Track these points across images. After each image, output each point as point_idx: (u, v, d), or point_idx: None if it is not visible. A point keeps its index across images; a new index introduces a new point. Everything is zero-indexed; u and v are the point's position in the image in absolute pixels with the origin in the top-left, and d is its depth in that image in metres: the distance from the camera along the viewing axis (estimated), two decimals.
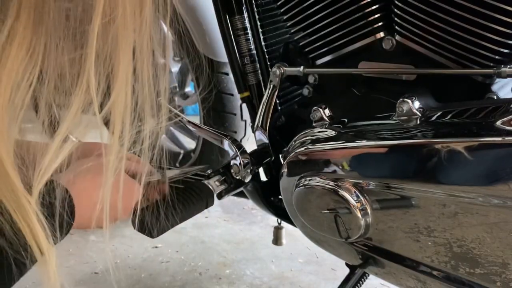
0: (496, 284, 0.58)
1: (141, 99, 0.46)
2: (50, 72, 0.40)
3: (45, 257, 0.43)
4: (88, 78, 0.40)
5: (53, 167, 0.43)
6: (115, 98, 0.42)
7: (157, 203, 0.66)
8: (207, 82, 1.30)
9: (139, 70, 0.44)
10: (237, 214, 1.75)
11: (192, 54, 1.29)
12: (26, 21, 0.37)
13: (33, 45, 0.38)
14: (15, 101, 0.39)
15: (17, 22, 0.37)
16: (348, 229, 0.68)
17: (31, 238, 0.42)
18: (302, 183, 0.71)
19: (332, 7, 0.71)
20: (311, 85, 0.82)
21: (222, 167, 0.80)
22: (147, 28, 0.43)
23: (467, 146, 0.53)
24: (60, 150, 0.43)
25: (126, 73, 0.42)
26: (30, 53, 0.38)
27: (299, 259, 1.47)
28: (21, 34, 0.37)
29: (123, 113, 0.43)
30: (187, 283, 1.36)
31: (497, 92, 0.64)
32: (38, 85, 0.40)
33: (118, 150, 0.45)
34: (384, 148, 0.63)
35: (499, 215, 0.54)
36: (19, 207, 0.41)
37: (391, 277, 0.72)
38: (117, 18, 0.40)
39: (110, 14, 0.39)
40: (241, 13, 0.86)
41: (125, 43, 0.41)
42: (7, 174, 0.39)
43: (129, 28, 0.41)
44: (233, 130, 1.39)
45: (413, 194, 0.61)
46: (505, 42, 0.58)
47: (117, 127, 0.44)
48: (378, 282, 1.28)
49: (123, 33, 0.41)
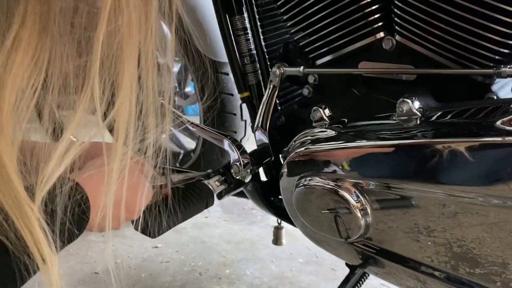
0: (496, 284, 0.58)
1: (146, 107, 0.46)
2: (55, 79, 0.40)
3: (47, 265, 0.42)
4: (93, 86, 0.40)
5: (56, 175, 0.42)
6: (120, 106, 0.42)
7: (157, 204, 0.66)
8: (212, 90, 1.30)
9: (144, 78, 0.44)
10: (237, 214, 1.75)
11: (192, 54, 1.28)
12: (31, 28, 0.37)
13: (38, 52, 0.38)
14: (20, 107, 0.38)
15: (23, 29, 0.37)
16: (348, 229, 0.68)
17: (33, 245, 0.41)
18: (302, 183, 0.71)
19: (332, 7, 0.71)
20: (311, 85, 0.82)
21: (222, 167, 0.80)
22: (153, 37, 0.43)
23: (467, 146, 0.53)
24: (63, 158, 0.42)
25: (131, 81, 0.42)
26: (35, 60, 0.38)
27: (299, 259, 1.47)
28: (26, 40, 0.37)
29: (128, 121, 0.43)
30: (187, 283, 1.36)
31: (497, 92, 0.64)
32: (42, 92, 0.40)
33: (121, 158, 0.45)
34: (384, 148, 0.63)
35: (499, 215, 0.54)
36: (22, 214, 0.40)
37: (391, 277, 0.72)
38: (122, 26, 0.40)
39: (116, 22, 0.39)
40: (241, 13, 0.86)
41: (130, 51, 0.41)
42: (10, 180, 0.39)
43: (134, 37, 0.41)
44: (233, 130, 1.40)
45: (413, 194, 0.61)
46: (505, 42, 0.58)
47: (121, 135, 0.44)
48: (378, 282, 1.28)
49: (128, 41, 0.41)
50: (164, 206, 0.66)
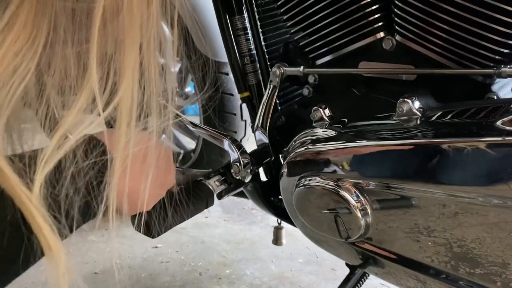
0: (496, 284, 0.58)
1: (148, 94, 0.45)
2: (56, 64, 0.39)
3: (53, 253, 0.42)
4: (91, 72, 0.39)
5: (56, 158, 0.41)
6: (122, 93, 0.42)
7: (158, 204, 0.66)
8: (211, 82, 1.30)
9: (146, 65, 0.44)
10: (237, 214, 1.75)
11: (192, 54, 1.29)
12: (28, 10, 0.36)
13: (34, 35, 0.37)
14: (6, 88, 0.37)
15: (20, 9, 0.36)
16: (348, 229, 0.68)
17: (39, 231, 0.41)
18: (302, 183, 0.71)
19: (332, 7, 0.71)
20: (311, 85, 0.82)
21: (222, 167, 0.80)
22: (154, 23, 0.42)
23: (467, 146, 0.53)
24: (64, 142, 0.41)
25: (133, 68, 0.42)
26: (31, 40, 0.37)
27: (299, 259, 1.47)
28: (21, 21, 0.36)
29: (130, 108, 0.43)
30: (187, 283, 1.36)
31: (497, 92, 0.64)
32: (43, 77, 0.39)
33: (124, 147, 0.44)
34: (384, 148, 0.63)
35: (499, 215, 0.54)
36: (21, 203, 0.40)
37: (391, 277, 0.72)
38: (122, 10, 0.39)
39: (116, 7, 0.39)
40: (241, 13, 0.86)
41: (131, 37, 0.41)
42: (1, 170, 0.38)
43: (135, 22, 0.40)
44: (233, 130, 1.40)
45: (413, 194, 0.61)
46: (505, 42, 0.58)
47: (124, 123, 0.43)
48: (378, 282, 1.28)
49: (130, 27, 0.40)
50: (164, 206, 0.66)
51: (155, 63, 0.44)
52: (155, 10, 0.42)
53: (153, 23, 0.42)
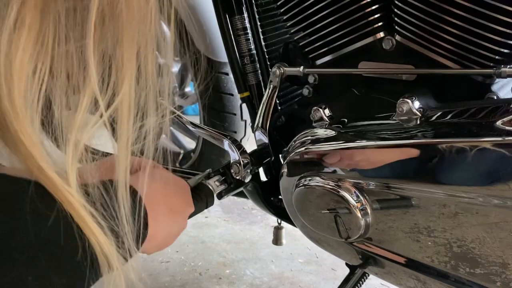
0: (496, 284, 0.58)
1: (145, 91, 0.45)
2: (62, 64, 0.39)
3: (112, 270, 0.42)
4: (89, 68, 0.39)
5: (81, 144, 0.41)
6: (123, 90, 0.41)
7: None
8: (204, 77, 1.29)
9: (143, 64, 0.44)
10: (237, 214, 1.75)
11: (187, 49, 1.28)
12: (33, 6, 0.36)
13: (43, 33, 0.37)
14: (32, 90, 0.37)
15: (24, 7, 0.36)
16: (348, 229, 0.68)
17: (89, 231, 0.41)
18: (302, 183, 0.71)
19: (332, 7, 0.71)
20: (311, 85, 0.82)
21: (222, 167, 0.80)
22: (152, 20, 0.42)
23: (467, 146, 0.53)
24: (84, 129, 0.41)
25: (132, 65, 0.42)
26: (41, 41, 0.37)
27: (299, 259, 1.47)
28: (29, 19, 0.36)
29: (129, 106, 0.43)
30: (187, 283, 1.36)
31: (497, 92, 0.64)
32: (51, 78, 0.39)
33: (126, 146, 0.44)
34: (384, 148, 0.63)
35: (499, 215, 0.54)
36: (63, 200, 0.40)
37: (391, 277, 0.72)
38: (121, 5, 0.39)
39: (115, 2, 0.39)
40: (241, 13, 0.86)
41: (130, 33, 0.41)
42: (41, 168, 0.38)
43: (134, 18, 0.40)
44: (233, 130, 1.40)
45: (413, 194, 0.61)
46: (505, 42, 0.58)
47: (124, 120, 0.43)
48: (378, 282, 1.28)
49: (128, 22, 0.40)
50: None
51: (153, 60, 0.44)
52: (153, 7, 0.42)
53: (152, 19, 0.42)
